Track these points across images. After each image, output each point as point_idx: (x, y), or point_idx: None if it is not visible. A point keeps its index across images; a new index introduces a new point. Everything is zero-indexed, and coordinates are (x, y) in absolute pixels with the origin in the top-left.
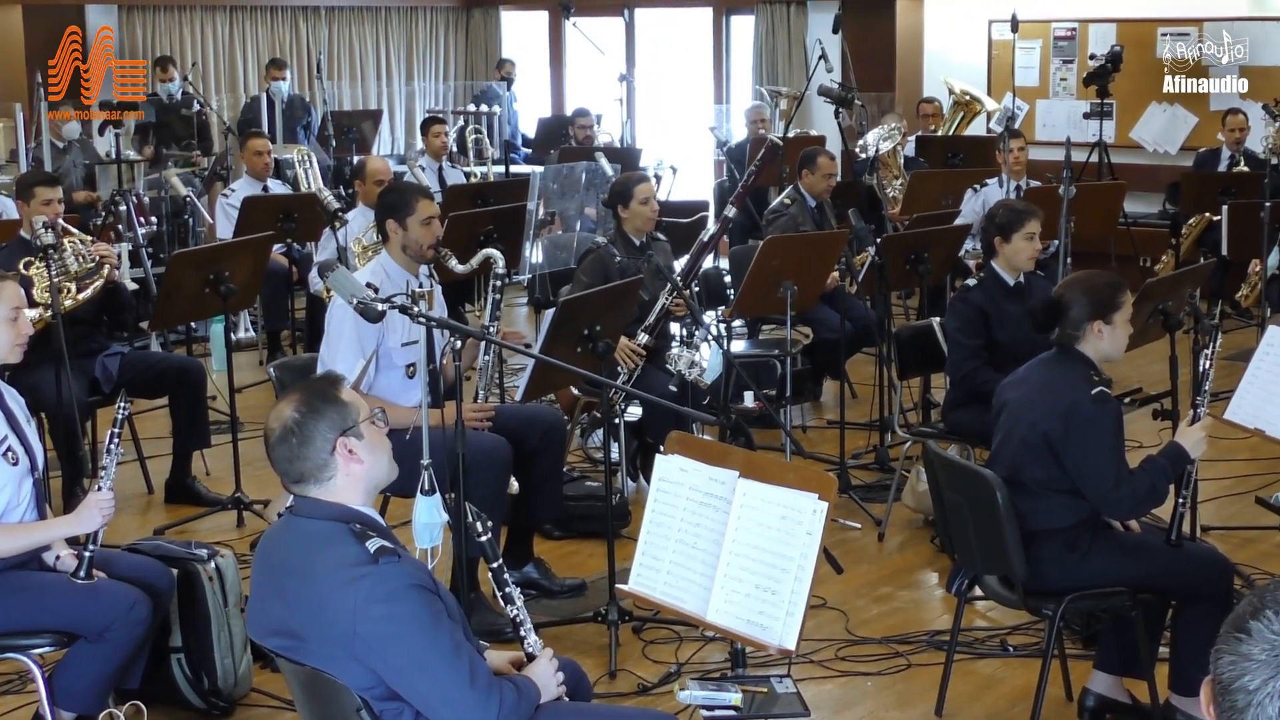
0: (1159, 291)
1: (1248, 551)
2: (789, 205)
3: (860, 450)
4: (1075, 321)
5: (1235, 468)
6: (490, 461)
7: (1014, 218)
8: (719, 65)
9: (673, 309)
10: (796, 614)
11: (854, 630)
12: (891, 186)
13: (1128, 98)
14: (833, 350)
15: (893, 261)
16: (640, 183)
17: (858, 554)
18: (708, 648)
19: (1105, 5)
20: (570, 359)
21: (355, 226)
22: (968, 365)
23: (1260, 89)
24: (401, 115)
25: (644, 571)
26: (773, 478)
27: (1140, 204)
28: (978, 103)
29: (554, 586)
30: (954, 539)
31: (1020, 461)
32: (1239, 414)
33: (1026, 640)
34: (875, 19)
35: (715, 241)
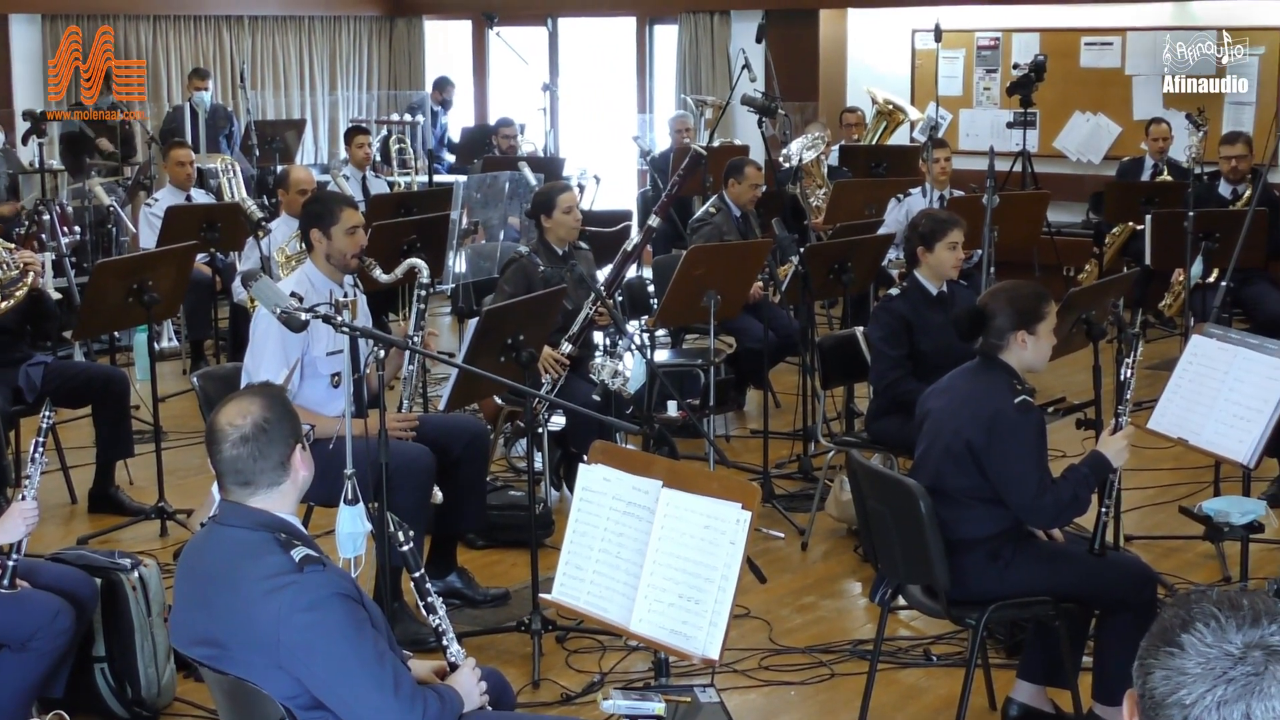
0: (1082, 301)
1: (1171, 561)
2: (713, 214)
3: (783, 460)
4: (999, 331)
5: (1159, 477)
6: (413, 471)
7: (937, 227)
8: (642, 75)
9: (596, 318)
10: (720, 623)
11: (777, 640)
12: (815, 196)
13: (1051, 107)
14: (756, 359)
15: (816, 271)
16: (563, 192)
17: (781, 563)
18: (631, 657)
19: (1028, 15)
20: (494, 368)
21: (279, 236)
22: (891, 375)
23: (1183, 98)
24: (325, 125)
25: (567, 581)
26: (696, 487)
27: (1064, 213)
28: (901, 112)
29: (477, 596)
30: (877, 548)
31: (943, 471)
32: (1162, 423)
33: (950, 649)
34: (799, 28)
35: (639, 251)
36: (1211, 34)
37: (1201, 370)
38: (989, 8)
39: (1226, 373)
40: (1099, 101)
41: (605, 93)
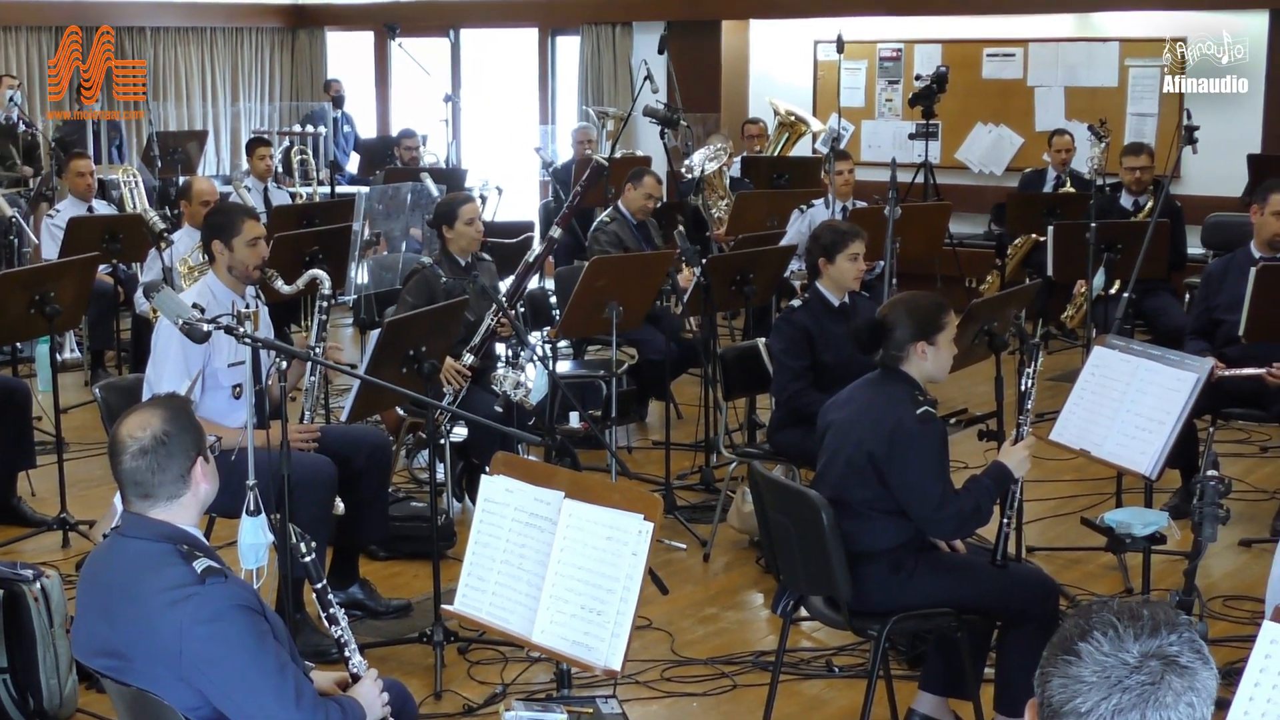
0: (984, 312)
1: (1073, 572)
2: (609, 223)
3: (686, 471)
4: (899, 342)
5: (1060, 488)
6: (315, 482)
7: (838, 238)
8: (544, 86)
9: (498, 329)
10: (622, 635)
11: (679, 651)
12: (717, 207)
13: (953, 118)
14: (658, 371)
15: (718, 282)
16: (465, 203)
17: (683, 575)
18: (533, 668)
19: (931, 26)
20: (395, 380)
21: (181, 247)
22: (793, 386)
23: (1085, 109)
24: (227, 136)
25: (469, 592)
26: (598, 498)
27: (966, 225)
28: (803, 123)
29: (379, 607)
30: (779, 560)
31: (845, 482)
32: (1064, 435)
33: (852, 661)
34: (701, 40)
35: (541, 262)
36: (1115, 45)
37: (1103, 382)
38: (891, 19)
39: (1128, 384)
40: (1001, 113)
41: (507, 104)
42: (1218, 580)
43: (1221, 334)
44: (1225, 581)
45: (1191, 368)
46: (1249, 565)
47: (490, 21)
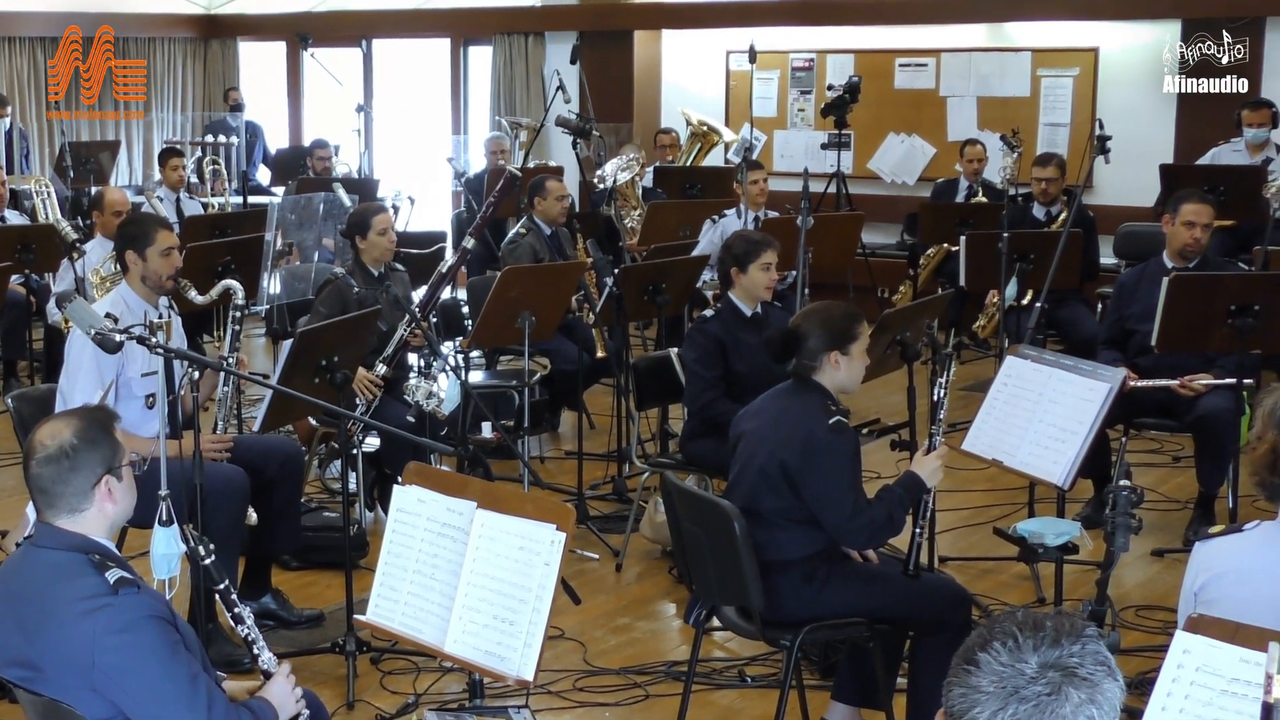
0: (896, 322)
1: (985, 582)
2: (524, 235)
3: (598, 481)
4: (812, 352)
5: (973, 498)
6: (228, 492)
7: (750, 248)
8: (457, 96)
9: (411, 340)
10: (534, 644)
11: (592, 661)
12: (629, 217)
13: (865, 128)
14: (571, 381)
15: (631, 292)
16: (378, 214)
17: (596, 584)
18: (446, 678)
19: (843, 36)
20: (308, 390)
21: (94, 257)
22: (705, 396)
23: (998, 119)
24: (139, 146)
25: (382, 602)
26: (510, 508)
27: (878, 235)
28: (715, 134)
29: (292, 617)
30: (692, 569)
31: (758, 492)
32: (977, 444)
33: (764, 671)
34: (613, 50)
35: (454, 272)
36: (1027, 55)
37: (1016, 391)
38: (803, 29)
39: (1041, 394)
40: (913, 123)
41: (419, 114)
42: (1130, 590)
43: (1134, 344)
44: (1138, 591)
45: (1104, 378)
46: (1161, 575)
47: (402, 32)
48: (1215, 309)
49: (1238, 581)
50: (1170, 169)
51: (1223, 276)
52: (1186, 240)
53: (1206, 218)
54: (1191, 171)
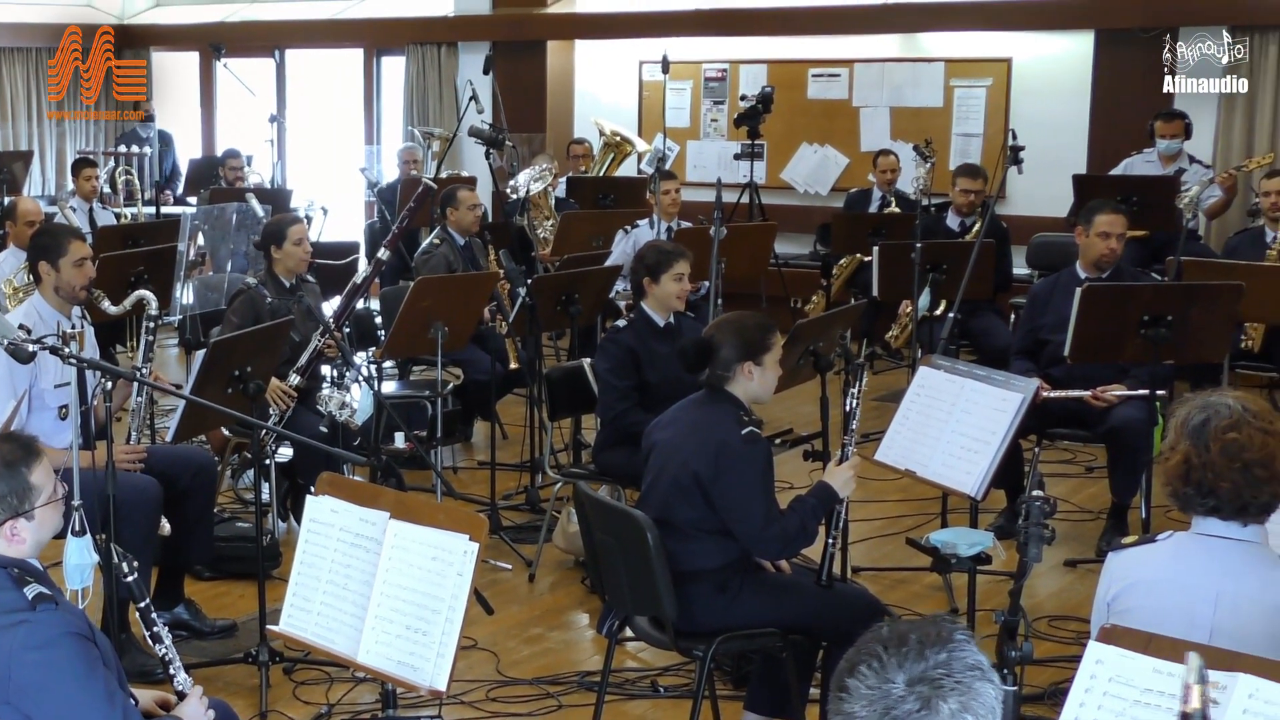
0: (809, 333)
1: (899, 592)
2: (438, 245)
3: (511, 491)
4: (725, 362)
5: (886, 508)
6: (141, 502)
7: (662, 259)
8: (370, 106)
9: (324, 350)
10: (447, 655)
11: (505, 671)
12: (543, 227)
13: (778, 138)
14: (483, 391)
15: (543, 302)
16: (294, 224)
17: (508, 595)
18: (359, 689)
19: (756, 47)
20: (221, 400)
21: (6, 267)
22: (618, 406)
23: (910, 129)
24: (52, 156)
25: (295, 613)
26: (423, 519)
27: (791, 245)
28: (628, 144)
29: (205, 627)
30: (605, 580)
31: (671, 502)
32: (890, 455)
33: (678, 681)
34: (526, 60)
35: (369, 284)
36: (940, 65)
37: (929, 401)
38: (716, 39)
39: (954, 404)
40: (826, 133)
41: (332, 124)
42: (1043, 600)
43: (1047, 354)
44: (1050, 602)
45: (1017, 388)
46: (1074, 585)
47: (315, 42)
48: (1128, 319)
49: (1151, 592)
50: (1083, 179)
51: (1136, 287)
52: (1102, 251)
53: (1120, 228)
54: (1105, 182)
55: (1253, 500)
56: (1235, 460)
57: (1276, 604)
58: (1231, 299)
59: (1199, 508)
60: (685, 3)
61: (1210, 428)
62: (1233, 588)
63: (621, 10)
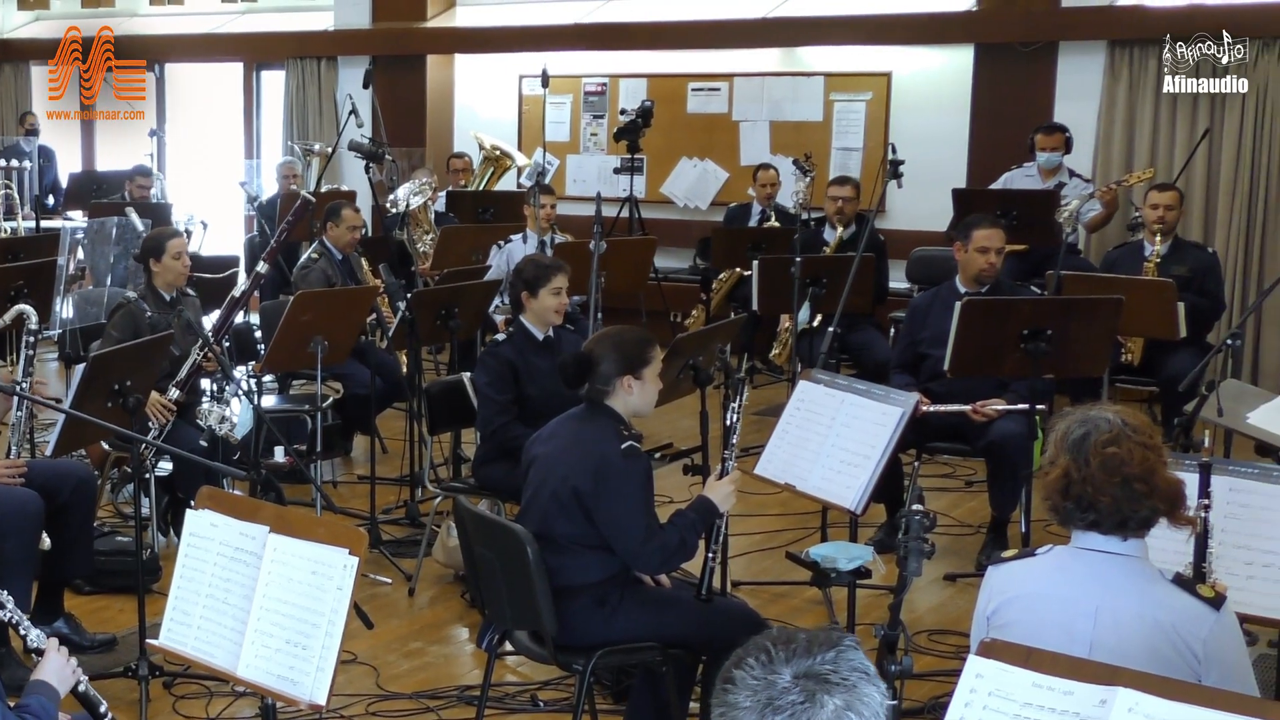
0: (689, 347)
1: (778, 606)
2: (316, 259)
3: (391, 505)
4: (605, 376)
5: (766, 523)
6: (22, 516)
7: (541, 273)
8: (250, 120)
9: (204, 364)
10: (327, 669)
11: (385, 685)
12: (422, 241)
13: (658, 153)
14: (363, 405)
15: (423, 317)
16: (173, 238)
17: (388, 609)
18: (239, 702)
19: (636, 61)
20: (101, 414)
21: None
22: (498, 420)
23: (790, 144)
24: None
25: (175, 626)
26: (303, 533)
27: (671, 259)
28: (508, 158)
29: (85, 641)
30: (485, 594)
31: (550, 517)
32: (769, 469)
33: (557, 695)
34: (406, 74)
35: (247, 297)
36: (820, 80)
37: (809, 416)
38: (596, 53)
39: (834, 419)
40: (706, 147)
41: (212, 138)
42: (923, 615)
43: (926, 368)
44: (930, 616)
45: (896, 402)
46: (954, 599)
47: (195, 56)
48: (1007, 333)
49: (1030, 606)
50: (963, 193)
51: (1015, 301)
52: (981, 266)
53: (999, 242)
54: (984, 196)
55: (1132, 514)
56: (1115, 474)
57: (1155, 618)
58: (1111, 313)
59: (1079, 522)
60: (565, 17)
61: (1090, 442)
62: (1112, 602)
63: (501, 25)
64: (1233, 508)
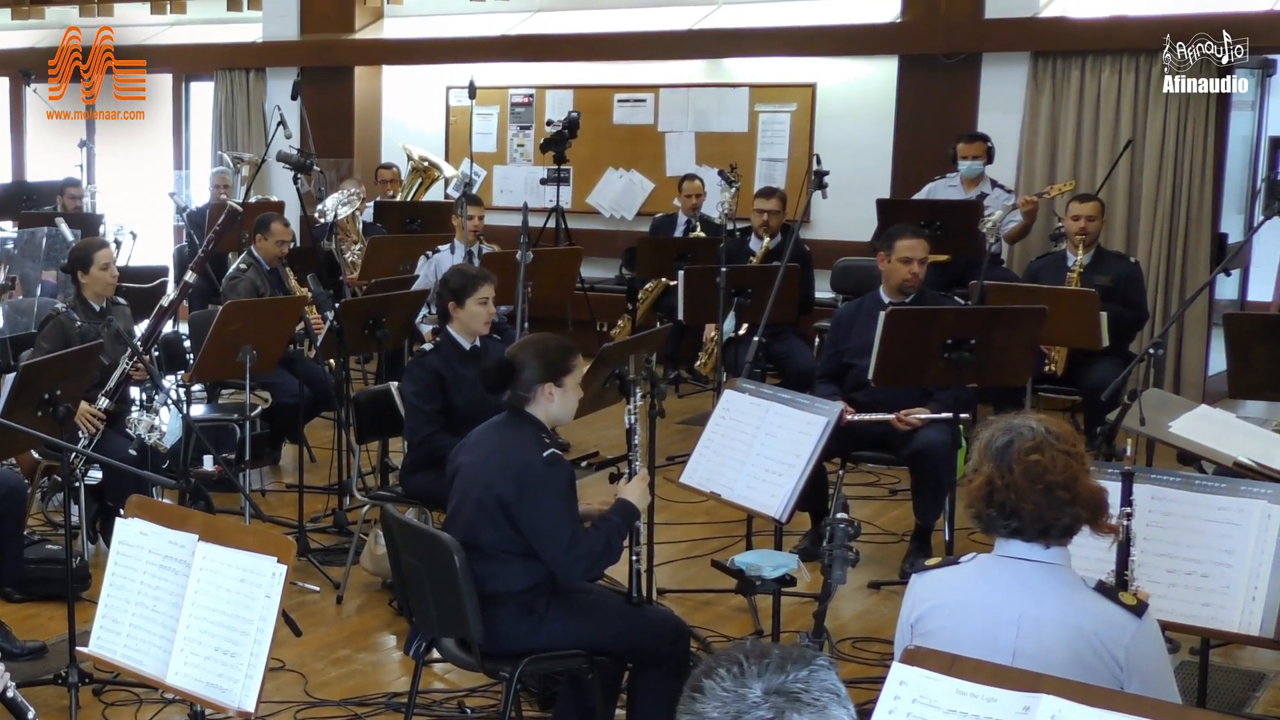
0: (615, 356)
1: (704, 614)
2: (245, 270)
3: (319, 514)
4: (527, 383)
5: (692, 531)
6: None
7: (467, 283)
8: (179, 131)
9: (133, 373)
10: (255, 676)
11: (313, 692)
12: (350, 251)
13: (585, 163)
14: (291, 414)
15: (351, 326)
16: (100, 249)
17: (316, 616)
18: (168, 709)
19: (562, 72)
20: (31, 423)
21: None
22: (425, 429)
23: (716, 154)
24: None
25: (104, 634)
26: (232, 541)
27: (597, 269)
28: (436, 169)
29: (15, 649)
30: (412, 601)
31: (476, 525)
32: (695, 477)
33: (484, 702)
34: (334, 86)
35: (175, 307)
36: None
37: (734, 425)
38: (523, 65)
39: (759, 428)
40: (632, 158)
41: (142, 149)
42: (847, 622)
43: (851, 378)
44: (855, 623)
45: (821, 411)
46: (878, 607)
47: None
48: (931, 343)
49: (954, 613)
50: (887, 204)
51: (938, 311)
52: (904, 276)
53: (922, 252)
54: (908, 206)
55: (1055, 522)
56: (1038, 482)
57: (1078, 626)
58: (1034, 323)
59: (1002, 529)
60: (492, 29)
61: (1013, 450)
62: (1035, 610)
63: (428, 37)
64: (1155, 516)
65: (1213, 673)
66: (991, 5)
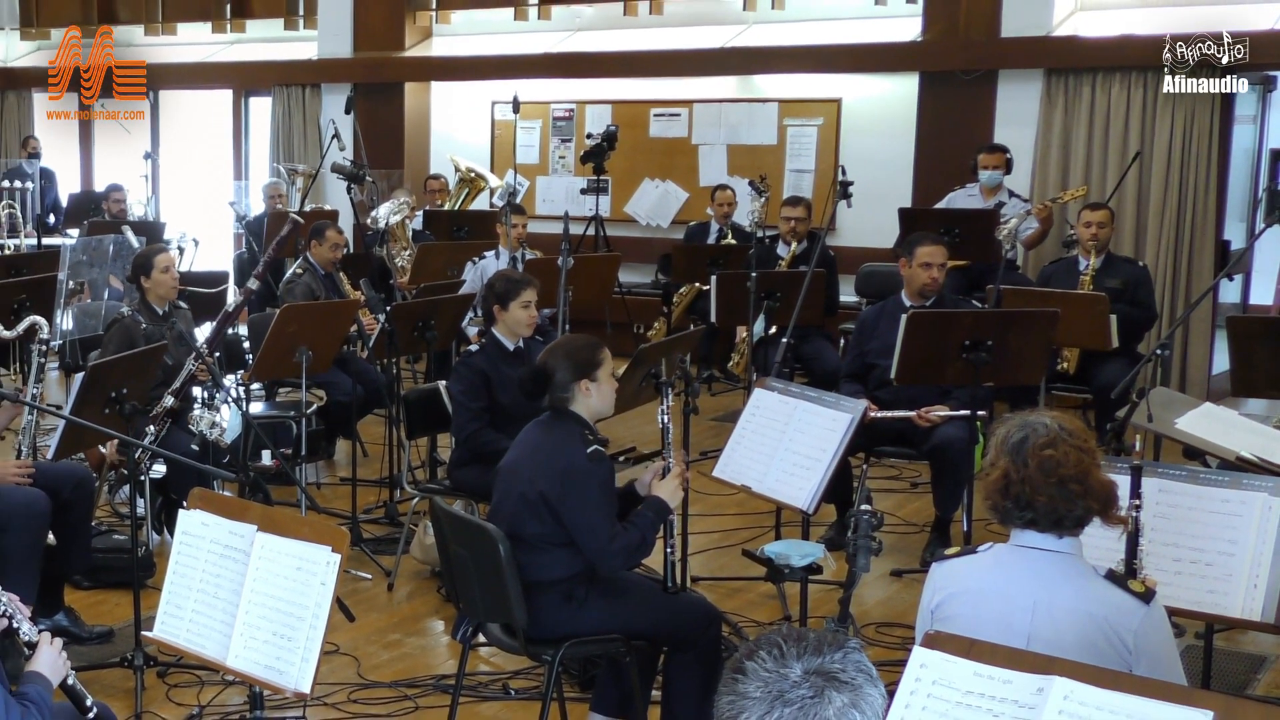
0: (652, 356)
1: (735, 601)
2: (301, 274)
3: (371, 506)
4: (562, 384)
5: (723, 522)
6: (30, 514)
7: (511, 287)
8: (238, 144)
9: (197, 373)
10: (311, 659)
11: (365, 674)
12: (400, 257)
13: (622, 174)
14: (345, 411)
15: (401, 328)
16: (159, 254)
17: (368, 603)
18: (228, 691)
19: (601, 88)
20: (98, 420)
21: None
22: (471, 426)
23: (746, 166)
24: None
25: (168, 619)
26: (289, 531)
27: (634, 274)
28: (482, 179)
29: (83, 633)
30: (459, 589)
31: (520, 517)
32: (726, 471)
33: (527, 684)
34: (385, 101)
35: (239, 312)
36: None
37: (764, 422)
38: (564, 81)
39: (787, 424)
40: (667, 169)
41: (204, 160)
42: (871, 608)
43: (874, 377)
44: (878, 609)
45: (846, 409)
46: (900, 594)
47: (187, 84)
48: (950, 344)
49: (971, 600)
50: (908, 212)
51: (957, 314)
52: (925, 281)
53: (941, 258)
54: (928, 214)
55: (1067, 513)
56: (1051, 475)
57: (1089, 612)
58: (1047, 325)
59: (1017, 520)
60: (535, 47)
61: (1028, 445)
62: (1048, 597)
63: (475, 54)
64: (1162, 508)
65: (1217, 656)
66: (1008, 25)
